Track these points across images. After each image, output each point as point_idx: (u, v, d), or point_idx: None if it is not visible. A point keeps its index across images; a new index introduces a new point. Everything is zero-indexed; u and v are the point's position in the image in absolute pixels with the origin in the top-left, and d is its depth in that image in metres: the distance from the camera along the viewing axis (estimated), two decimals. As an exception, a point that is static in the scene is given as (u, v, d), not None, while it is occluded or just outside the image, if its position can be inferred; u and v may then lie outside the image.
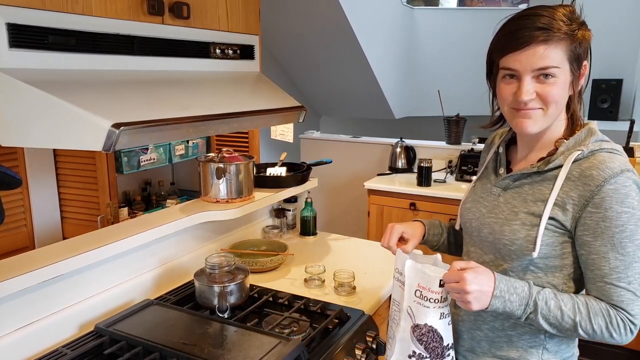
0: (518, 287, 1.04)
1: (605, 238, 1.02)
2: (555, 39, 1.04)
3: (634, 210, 1.00)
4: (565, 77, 1.07)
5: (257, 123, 1.59)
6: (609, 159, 1.03)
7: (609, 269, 1.02)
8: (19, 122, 1.11)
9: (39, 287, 1.36)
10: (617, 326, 1.01)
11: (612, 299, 1.02)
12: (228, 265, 1.58)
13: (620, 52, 5.05)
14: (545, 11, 1.07)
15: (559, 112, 1.10)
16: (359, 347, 1.44)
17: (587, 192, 1.03)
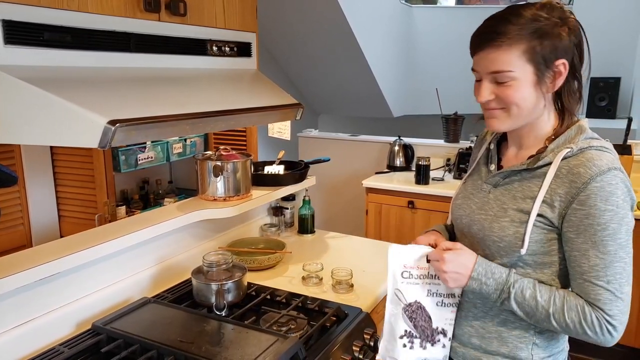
0: (496, 272, 1.09)
1: (587, 235, 1.02)
2: (507, 43, 1.05)
3: (617, 209, 1.00)
4: (526, 78, 1.06)
5: (254, 120, 1.58)
6: (597, 156, 1.02)
7: (589, 266, 1.02)
8: (14, 119, 1.11)
9: (36, 285, 1.36)
10: (592, 324, 1.01)
11: (590, 296, 1.02)
12: (225, 263, 1.58)
13: (618, 51, 5.06)
14: (511, 12, 1.07)
15: (527, 111, 1.09)
16: (357, 344, 1.44)
17: (573, 189, 1.03)
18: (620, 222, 1.00)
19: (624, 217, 1.01)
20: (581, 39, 1.09)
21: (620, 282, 1.01)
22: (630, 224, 1.02)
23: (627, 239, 1.02)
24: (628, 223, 1.02)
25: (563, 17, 1.06)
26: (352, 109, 5.96)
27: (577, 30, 1.08)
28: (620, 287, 1.01)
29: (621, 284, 1.01)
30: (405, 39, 5.69)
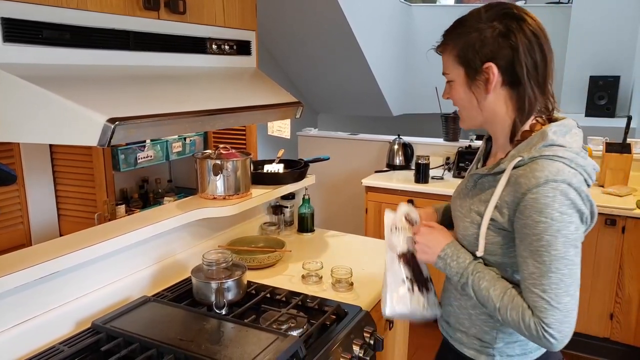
0: (461, 257, 1.16)
1: (525, 244, 1.05)
2: (443, 45, 1.16)
3: (552, 221, 1.00)
4: (460, 80, 1.14)
5: (253, 118, 1.58)
6: (541, 167, 1.03)
7: (528, 273, 1.05)
8: (13, 118, 1.10)
9: (36, 284, 1.35)
10: (529, 327, 1.04)
11: (529, 302, 1.05)
12: (225, 262, 1.58)
13: (617, 49, 5.05)
14: (459, 19, 1.15)
15: (472, 113, 1.16)
16: (357, 343, 1.44)
17: (516, 199, 1.05)
18: (555, 235, 1.00)
19: (561, 229, 1.00)
20: (519, 43, 1.07)
21: (557, 293, 1.01)
22: (571, 236, 1.01)
23: (565, 250, 1.01)
24: (567, 235, 1.01)
25: (500, 20, 1.08)
26: (352, 107, 5.96)
27: (516, 34, 1.07)
28: (557, 297, 1.01)
29: (557, 294, 1.01)
30: (404, 38, 5.69)
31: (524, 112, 1.11)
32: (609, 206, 2.90)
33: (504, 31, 1.07)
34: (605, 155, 3.31)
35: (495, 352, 1.19)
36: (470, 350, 1.23)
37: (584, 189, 1.04)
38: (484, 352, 1.21)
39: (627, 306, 2.94)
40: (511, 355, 1.18)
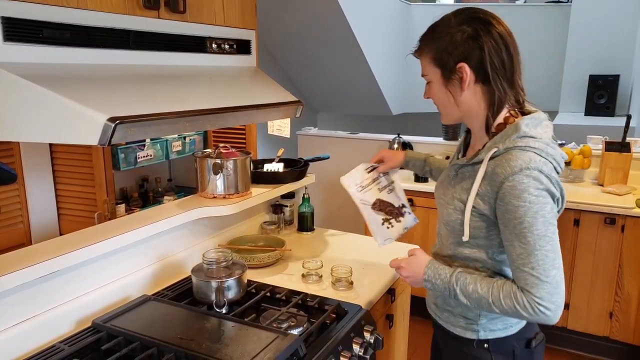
0: (442, 274, 1.26)
1: (509, 228, 1.15)
2: (420, 49, 1.27)
3: (530, 204, 1.11)
4: (437, 81, 1.25)
5: (253, 118, 1.58)
6: (515, 157, 1.13)
7: (516, 255, 1.15)
8: (14, 117, 1.11)
9: (36, 283, 1.36)
10: (524, 307, 1.13)
11: (520, 281, 1.15)
12: (225, 261, 1.58)
13: (617, 48, 5.06)
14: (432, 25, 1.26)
15: (450, 109, 1.27)
16: (357, 341, 1.44)
17: (495, 187, 1.16)
18: (534, 216, 1.11)
19: (539, 211, 1.11)
20: (486, 44, 1.17)
21: (544, 267, 1.12)
22: (548, 215, 1.12)
23: (545, 228, 1.12)
24: (545, 215, 1.11)
25: (469, 23, 1.19)
26: (351, 106, 5.96)
27: (483, 36, 1.17)
28: (545, 272, 1.12)
29: (545, 269, 1.12)
30: (404, 37, 5.69)
31: (496, 106, 1.21)
32: (609, 205, 2.90)
33: (472, 34, 1.18)
34: (605, 154, 3.31)
35: (480, 328, 1.29)
36: (457, 328, 1.34)
37: (554, 175, 1.15)
38: (469, 328, 1.31)
39: (627, 305, 2.94)
40: (494, 330, 1.29)
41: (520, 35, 4.54)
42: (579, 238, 3.00)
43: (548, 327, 3.23)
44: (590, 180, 3.49)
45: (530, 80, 5.03)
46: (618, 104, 5.05)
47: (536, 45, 5.84)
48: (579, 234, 3.00)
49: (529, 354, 1.30)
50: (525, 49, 4.65)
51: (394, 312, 1.90)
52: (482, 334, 1.29)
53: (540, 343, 1.33)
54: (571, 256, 3.05)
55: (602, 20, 5.05)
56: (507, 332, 1.29)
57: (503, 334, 1.29)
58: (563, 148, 3.50)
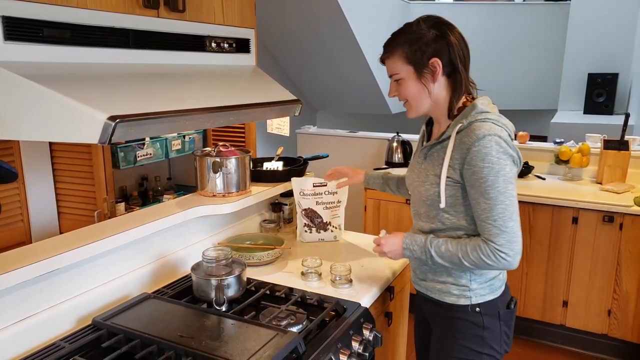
0: (418, 240, 1.46)
1: (475, 187, 1.35)
2: (391, 52, 1.44)
3: (492, 165, 1.31)
4: (410, 77, 1.42)
5: (253, 116, 1.59)
6: (478, 127, 1.34)
7: (480, 210, 1.36)
8: (14, 116, 1.11)
9: (36, 281, 1.36)
10: (488, 255, 1.34)
11: (484, 233, 1.36)
12: (225, 259, 1.59)
13: (616, 46, 5.06)
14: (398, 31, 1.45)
15: (420, 101, 1.45)
16: (356, 339, 1.45)
17: (463, 154, 1.35)
18: (496, 175, 1.31)
19: (500, 170, 1.31)
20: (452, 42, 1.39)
21: (504, 219, 1.33)
22: (508, 175, 1.32)
23: (505, 186, 1.32)
24: (505, 175, 1.32)
25: (435, 27, 1.40)
26: (350, 105, 5.96)
27: (449, 35, 1.39)
28: (504, 223, 1.33)
29: (504, 220, 1.33)
30: (403, 35, 5.68)
31: (459, 92, 1.42)
32: (607, 203, 2.91)
33: (440, 34, 1.39)
34: (603, 152, 3.32)
35: (472, 294, 1.47)
36: (451, 297, 1.50)
37: (509, 139, 1.36)
38: (462, 295, 1.48)
39: (625, 302, 2.95)
40: (483, 295, 1.47)
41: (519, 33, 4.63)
42: (578, 236, 3.01)
43: (546, 324, 3.24)
44: (588, 179, 3.50)
45: (530, 78, 5.10)
46: (617, 102, 5.05)
47: (535, 43, 5.84)
48: (577, 232, 3.01)
49: (509, 314, 1.51)
50: (524, 47, 4.73)
51: (393, 309, 1.91)
52: (474, 299, 1.47)
53: (515, 305, 1.54)
54: (569, 254, 3.06)
55: (601, 19, 5.06)
56: (494, 295, 1.48)
57: (490, 297, 1.48)
58: (562, 146, 3.51)
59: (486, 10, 5.87)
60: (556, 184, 3.41)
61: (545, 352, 3.20)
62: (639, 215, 2.83)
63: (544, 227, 3.10)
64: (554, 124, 4.85)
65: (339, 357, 1.38)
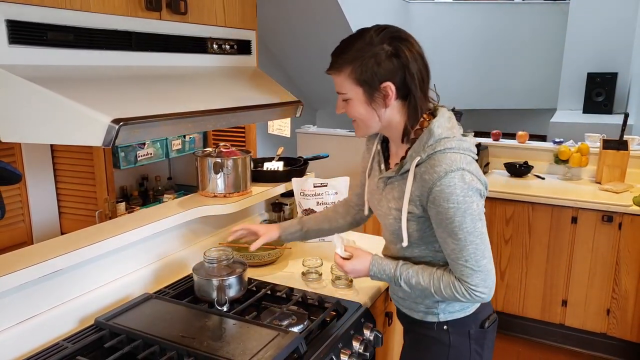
0: (387, 269, 1.36)
1: (442, 227, 1.25)
2: (338, 69, 1.26)
3: (459, 205, 1.20)
4: (358, 98, 1.27)
5: (254, 118, 1.60)
6: (438, 162, 1.22)
7: (450, 250, 1.26)
8: (18, 118, 1.12)
9: (39, 281, 1.37)
10: (462, 294, 1.27)
11: (457, 272, 1.27)
12: (226, 259, 1.60)
13: (615, 46, 5.07)
14: (349, 40, 1.26)
15: (369, 123, 1.31)
16: (357, 338, 1.46)
17: (424, 192, 1.24)
18: (463, 215, 1.21)
19: (466, 209, 1.21)
20: (408, 62, 1.22)
21: (476, 259, 1.24)
22: (475, 212, 1.22)
23: (474, 225, 1.22)
24: (472, 213, 1.22)
25: (391, 43, 1.22)
26: (350, 104, 5.95)
27: (405, 54, 1.22)
28: (477, 263, 1.24)
29: (476, 260, 1.24)
30: (403, 35, 5.69)
31: (414, 117, 1.28)
32: (606, 203, 2.92)
33: (394, 52, 1.22)
34: (602, 152, 3.33)
35: (439, 311, 1.39)
36: (419, 313, 1.43)
37: (474, 167, 1.25)
38: (430, 312, 1.41)
39: (624, 302, 2.97)
40: (452, 312, 1.39)
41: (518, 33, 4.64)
42: (577, 236, 3.02)
43: (546, 323, 3.25)
44: (588, 178, 3.51)
45: (529, 78, 5.11)
46: (616, 101, 5.06)
47: (534, 42, 5.85)
48: (576, 232, 3.02)
49: (482, 334, 1.41)
50: (524, 46, 4.75)
51: (393, 310, 1.92)
52: (441, 316, 1.40)
53: (493, 324, 1.45)
54: (569, 253, 3.07)
55: (601, 19, 5.07)
56: (464, 313, 1.39)
57: (460, 314, 1.39)
58: (561, 146, 3.52)
59: (486, 9, 5.88)
60: (555, 184, 3.42)
61: (545, 351, 3.21)
62: (638, 214, 2.84)
63: (544, 227, 3.11)
64: (553, 123, 4.86)
65: (340, 357, 1.39)
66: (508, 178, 3.60)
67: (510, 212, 3.19)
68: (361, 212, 1.67)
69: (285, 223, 1.72)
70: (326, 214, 1.72)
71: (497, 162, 3.81)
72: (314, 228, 1.71)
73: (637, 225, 2.85)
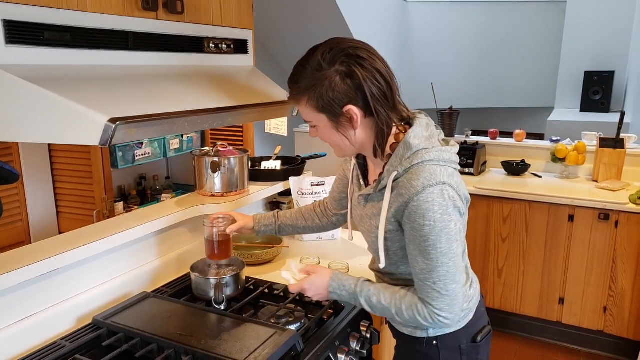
0: (347, 285, 1.30)
1: (415, 244, 1.17)
2: (295, 99, 1.22)
3: (435, 223, 1.13)
4: (324, 124, 1.22)
5: (251, 117, 1.60)
6: (415, 176, 1.15)
7: (419, 269, 1.19)
8: (15, 118, 1.12)
9: (37, 280, 1.38)
10: (424, 317, 1.20)
11: (422, 292, 1.20)
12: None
13: (612, 45, 5.08)
14: (301, 65, 1.20)
15: (347, 147, 1.25)
16: (354, 336, 1.47)
17: (401, 207, 1.17)
18: (439, 234, 1.13)
19: (443, 228, 1.13)
20: (363, 82, 1.14)
21: (445, 282, 1.16)
22: (452, 232, 1.15)
23: (449, 246, 1.15)
24: (449, 232, 1.14)
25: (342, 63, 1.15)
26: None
27: (358, 73, 1.14)
28: (445, 286, 1.16)
29: (445, 283, 1.16)
30: (400, 34, 5.70)
31: (384, 134, 1.21)
32: (603, 201, 2.93)
33: (347, 72, 1.15)
34: (599, 150, 3.34)
35: (428, 326, 1.29)
36: (408, 329, 1.35)
37: (455, 180, 1.18)
38: (419, 327, 1.33)
39: (621, 299, 2.98)
40: (441, 327, 1.29)
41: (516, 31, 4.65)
42: (574, 233, 3.03)
43: (543, 321, 3.26)
44: (584, 177, 3.52)
45: (526, 76, 5.12)
46: (613, 100, 5.07)
47: (532, 41, 5.86)
48: (573, 230, 3.03)
49: (474, 348, 1.34)
50: (521, 45, 4.76)
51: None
52: (431, 331, 1.32)
53: (487, 337, 1.38)
54: (566, 252, 3.08)
55: (598, 17, 5.07)
56: (454, 328, 1.31)
57: (451, 329, 1.31)
58: (558, 144, 3.53)
59: (483, 8, 5.88)
60: (552, 182, 3.43)
61: (542, 348, 3.23)
62: (634, 212, 2.85)
63: (541, 225, 3.12)
64: (550, 121, 4.87)
65: (337, 354, 1.40)
66: (505, 176, 3.61)
67: (508, 211, 3.20)
68: (337, 216, 1.63)
69: (260, 215, 1.67)
70: (303, 212, 1.68)
71: (494, 161, 3.82)
72: (289, 224, 1.66)
73: (634, 223, 2.87)
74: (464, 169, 3.60)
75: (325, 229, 1.68)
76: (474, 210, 3.28)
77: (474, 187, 3.27)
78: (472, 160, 3.59)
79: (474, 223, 3.30)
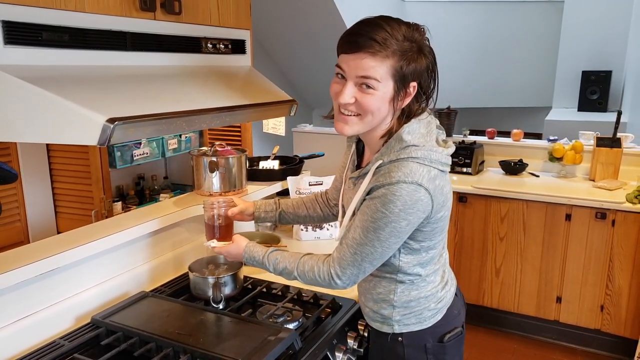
0: (256, 255, 1.37)
1: (361, 218, 1.20)
2: (382, 54, 1.12)
3: (389, 215, 1.14)
4: (385, 91, 1.15)
5: (249, 117, 1.61)
6: (396, 169, 1.15)
7: (352, 237, 1.21)
8: (14, 118, 1.13)
9: (35, 280, 1.38)
10: (323, 274, 1.25)
11: (337, 252, 1.25)
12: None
13: (609, 44, 5.09)
14: (388, 25, 1.14)
15: (377, 120, 1.20)
16: (351, 335, 1.47)
17: (373, 188, 1.18)
18: (386, 224, 1.15)
19: (394, 222, 1.15)
20: (434, 63, 1.19)
21: (363, 258, 1.20)
22: (399, 229, 1.16)
23: (388, 237, 1.17)
24: (395, 228, 1.16)
25: (425, 42, 1.18)
26: (346, 103, 5.95)
27: (432, 55, 1.20)
28: (362, 260, 1.21)
29: (363, 259, 1.21)
30: (398, 34, 5.69)
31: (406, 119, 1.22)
32: (600, 200, 2.94)
33: (430, 51, 1.19)
34: (596, 149, 3.35)
35: (394, 323, 1.33)
36: (376, 323, 1.38)
37: (437, 183, 1.17)
38: (386, 323, 1.35)
39: (617, 298, 2.99)
40: (407, 325, 1.33)
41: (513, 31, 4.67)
42: (571, 233, 3.04)
43: (541, 320, 3.27)
44: (581, 176, 3.54)
45: (524, 76, 5.13)
46: (610, 99, 5.08)
47: (529, 41, 5.86)
48: (570, 229, 3.04)
49: (441, 348, 1.34)
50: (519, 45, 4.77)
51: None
52: (396, 327, 1.34)
53: (456, 338, 1.37)
54: (563, 251, 3.09)
55: (595, 17, 5.08)
56: (421, 326, 1.33)
57: (417, 327, 1.33)
58: (555, 143, 3.54)
59: (480, 8, 5.89)
60: (550, 181, 3.44)
61: (540, 347, 3.24)
62: (631, 211, 2.86)
63: (538, 224, 3.13)
64: (548, 121, 4.88)
65: (335, 353, 1.40)
66: (503, 176, 3.62)
67: (505, 210, 3.21)
68: (337, 207, 1.55)
69: (260, 201, 1.64)
70: (305, 201, 1.65)
71: (492, 160, 3.83)
72: (290, 212, 1.64)
73: (631, 222, 2.88)
74: (461, 169, 3.61)
75: (326, 220, 1.66)
76: (471, 210, 3.29)
77: (472, 187, 3.27)
78: (469, 159, 3.59)
79: (472, 222, 3.31)
